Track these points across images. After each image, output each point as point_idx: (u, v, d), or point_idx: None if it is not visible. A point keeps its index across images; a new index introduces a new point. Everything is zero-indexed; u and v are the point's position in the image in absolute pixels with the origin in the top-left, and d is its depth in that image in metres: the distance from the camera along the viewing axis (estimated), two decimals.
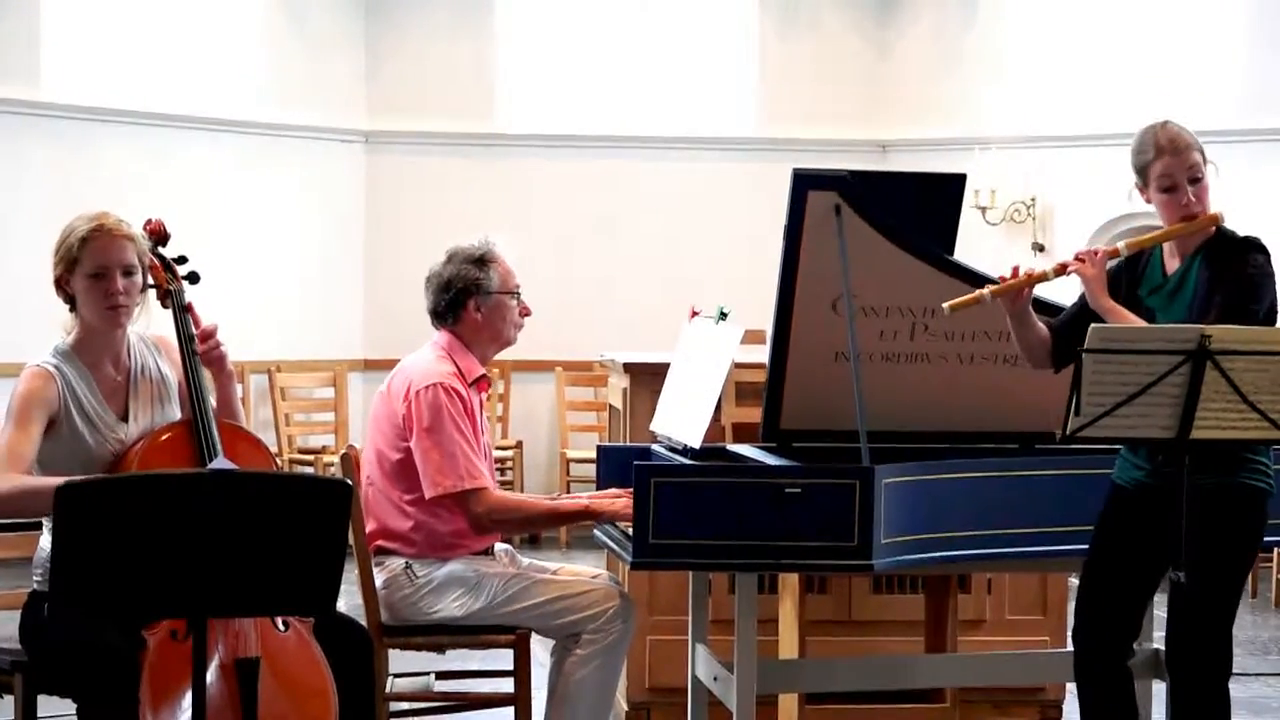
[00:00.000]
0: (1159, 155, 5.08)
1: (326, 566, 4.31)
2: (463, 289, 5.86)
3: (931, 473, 5.41)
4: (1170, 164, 5.07)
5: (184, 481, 4.33)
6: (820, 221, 5.55)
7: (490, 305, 5.88)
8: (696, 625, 6.13)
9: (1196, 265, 5.10)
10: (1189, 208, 5.08)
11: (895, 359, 5.84)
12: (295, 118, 13.06)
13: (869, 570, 5.26)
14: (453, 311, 5.88)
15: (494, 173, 13.57)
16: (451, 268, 5.88)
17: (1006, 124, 13.19)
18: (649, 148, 13.70)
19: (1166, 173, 5.07)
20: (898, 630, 6.90)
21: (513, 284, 5.92)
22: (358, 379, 13.12)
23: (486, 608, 5.73)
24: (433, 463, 5.66)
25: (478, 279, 5.86)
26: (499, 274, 5.88)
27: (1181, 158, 5.07)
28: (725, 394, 6.40)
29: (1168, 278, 5.16)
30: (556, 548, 12.00)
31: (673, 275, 13.18)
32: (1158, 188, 5.10)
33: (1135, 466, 5.17)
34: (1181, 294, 5.09)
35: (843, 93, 13.81)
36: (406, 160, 13.58)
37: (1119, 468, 5.25)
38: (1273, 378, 4.70)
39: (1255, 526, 5.05)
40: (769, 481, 5.20)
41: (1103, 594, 5.21)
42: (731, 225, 13.38)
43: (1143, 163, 5.12)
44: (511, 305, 5.91)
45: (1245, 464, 5.00)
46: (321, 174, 13.31)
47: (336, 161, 13.41)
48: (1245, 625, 9.73)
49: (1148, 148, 5.11)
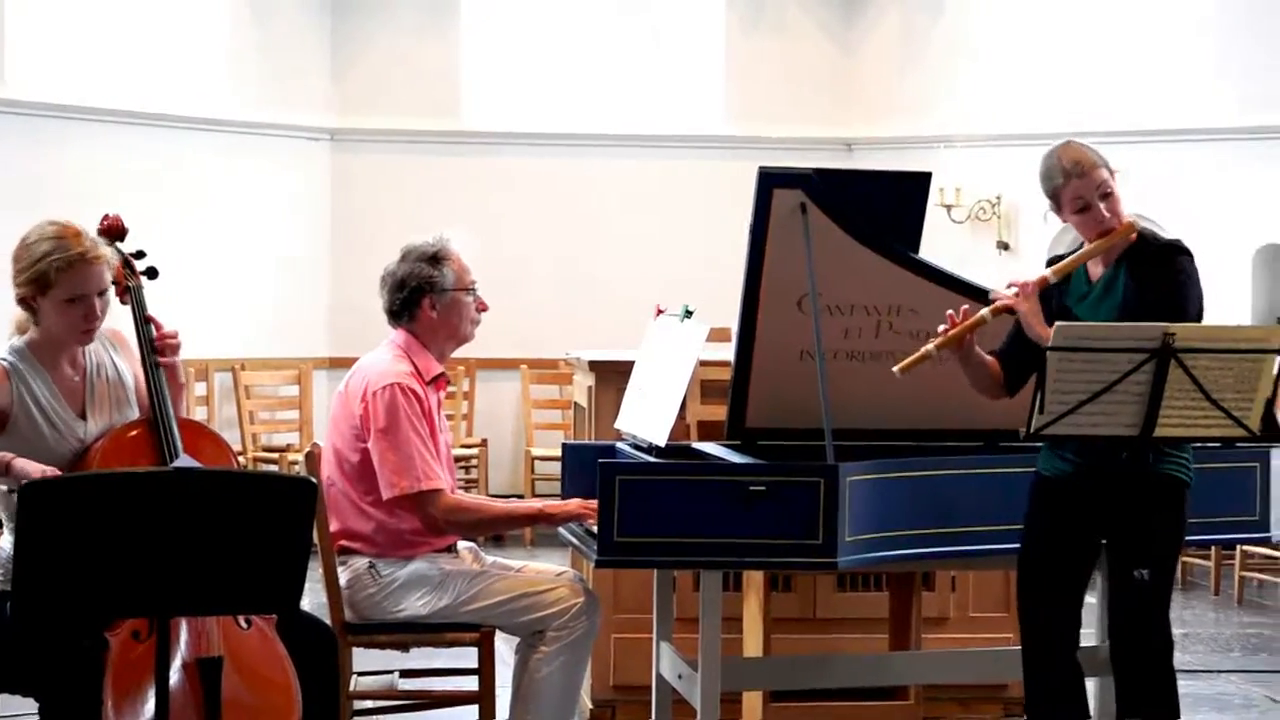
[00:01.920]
0: (1067, 180, 5.17)
1: (291, 565, 4.29)
2: (416, 287, 5.83)
3: (896, 471, 5.41)
4: (1079, 186, 5.16)
5: (147, 480, 4.30)
6: (785, 220, 5.54)
7: (445, 303, 5.85)
8: (661, 623, 6.12)
9: (1122, 271, 5.18)
10: (1104, 223, 5.17)
11: (860, 357, 5.84)
12: (261, 115, 13.03)
13: (833, 568, 5.25)
14: (408, 310, 5.86)
15: (460, 171, 13.55)
16: (405, 266, 5.86)
17: (971, 122, 13.22)
18: (615, 146, 13.70)
19: (1078, 195, 5.17)
20: (862, 628, 6.90)
21: (468, 280, 5.89)
22: (322, 377, 13.09)
23: (451, 606, 5.71)
24: (389, 464, 5.64)
25: (431, 276, 5.83)
26: (453, 271, 5.86)
27: (1089, 179, 5.16)
28: (690, 392, 6.39)
29: (1093, 285, 5.25)
30: (521, 545, 11.98)
31: (638, 273, 13.18)
32: (1072, 210, 5.20)
33: (1060, 458, 5.20)
34: (1109, 299, 5.17)
35: (808, 91, 13.83)
36: (373, 158, 13.56)
37: (1043, 458, 5.28)
38: (1236, 375, 4.72)
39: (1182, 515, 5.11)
40: (734, 480, 5.19)
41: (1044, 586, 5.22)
42: (697, 223, 13.38)
43: (1052, 188, 5.21)
44: (467, 302, 5.89)
45: (1168, 456, 5.05)
46: (288, 172, 13.27)
47: (303, 159, 13.38)
48: (1208, 623, 9.76)
49: (1055, 174, 5.20)
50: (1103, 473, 5.04)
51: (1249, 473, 5.89)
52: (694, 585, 6.42)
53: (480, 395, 13.40)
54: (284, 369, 12.90)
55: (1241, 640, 9.33)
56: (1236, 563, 10.45)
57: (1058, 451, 5.18)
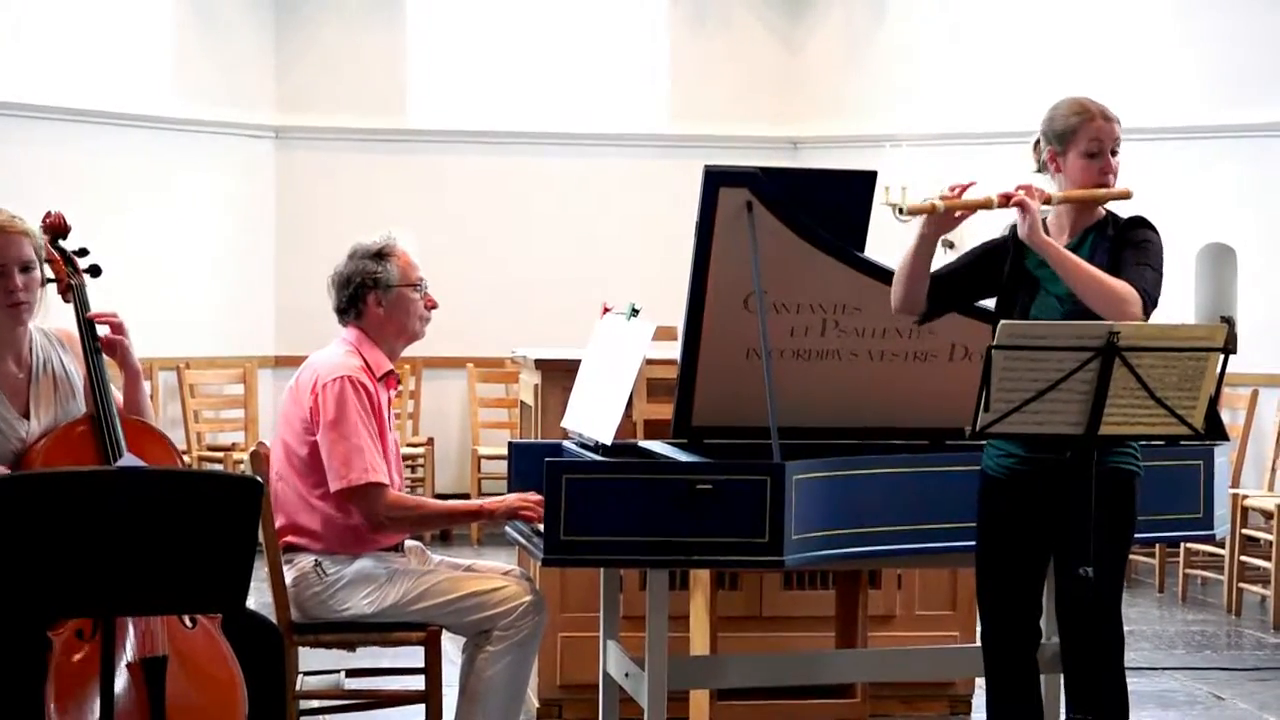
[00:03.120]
0: (1091, 119, 5.12)
1: (236, 564, 4.28)
2: (361, 284, 5.84)
3: (842, 469, 5.42)
4: (1102, 129, 5.11)
5: (90, 479, 4.29)
6: (732, 218, 5.55)
7: (391, 299, 5.85)
8: (608, 622, 6.13)
9: (1090, 242, 5.11)
10: (1107, 176, 5.12)
11: (806, 356, 5.86)
12: (204, 113, 12.97)
13: (780, 566, 5.26)
14: (354, 307, 5.87)
15: (405, 169, 13.52)
16: (351, 264, 5.87)
17: (917, 121, 13.24)
18: (561, 144, 13.68)
19: (1096, 136, 5.11)
20: (808, 626, 6.92)
21: (414, 276, 5.89)
22: (268, 376, 13.05)
23: (397, 604, 5.71)
24: (337, 455, 5.64)
25: (376, 273, 5.84)
26: (398, 267, 5.86)
27: (1111, 126, 5.13)
28: (637, 390, 6.40)
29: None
30: (468, 544, 11.97)
31: (585, 272, 13.18)
32: (1084, 151, 5.11)
33: (1005, 454, 5.18)
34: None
35: (754, 90, 13.85)
36: (317, 156, 13.51)
37: (987, 455, 5.25)
38: (1179, 373, 4.73)
39: (1131, 509, 5.09)
40: (680, 478, 5.20)
41: (999, 584, 5.22)
42: (643, 222, 13.38)
43: (1070, 125, 5.13)
44: (414, 298, 5.89)
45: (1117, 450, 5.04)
46: (231, 169, 13.21)
47: (246, 157, 13.32)
48: (1153, 620, 9.82)
49: (1077, 110, 5.15)
50: (1048, 468, 5.03)
51: (1193, 471, 5.91)
52: (641, 584, 6.43)
53: (426, 394, 13.38)
54: (229, 368, 12.86)
55: (1185, 638, 9.38)
56: (1180, 560, 10.51)
57: (1001, 448, 5.17)
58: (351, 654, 6.07)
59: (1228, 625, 9.84)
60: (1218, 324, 4.84)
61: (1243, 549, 10.08)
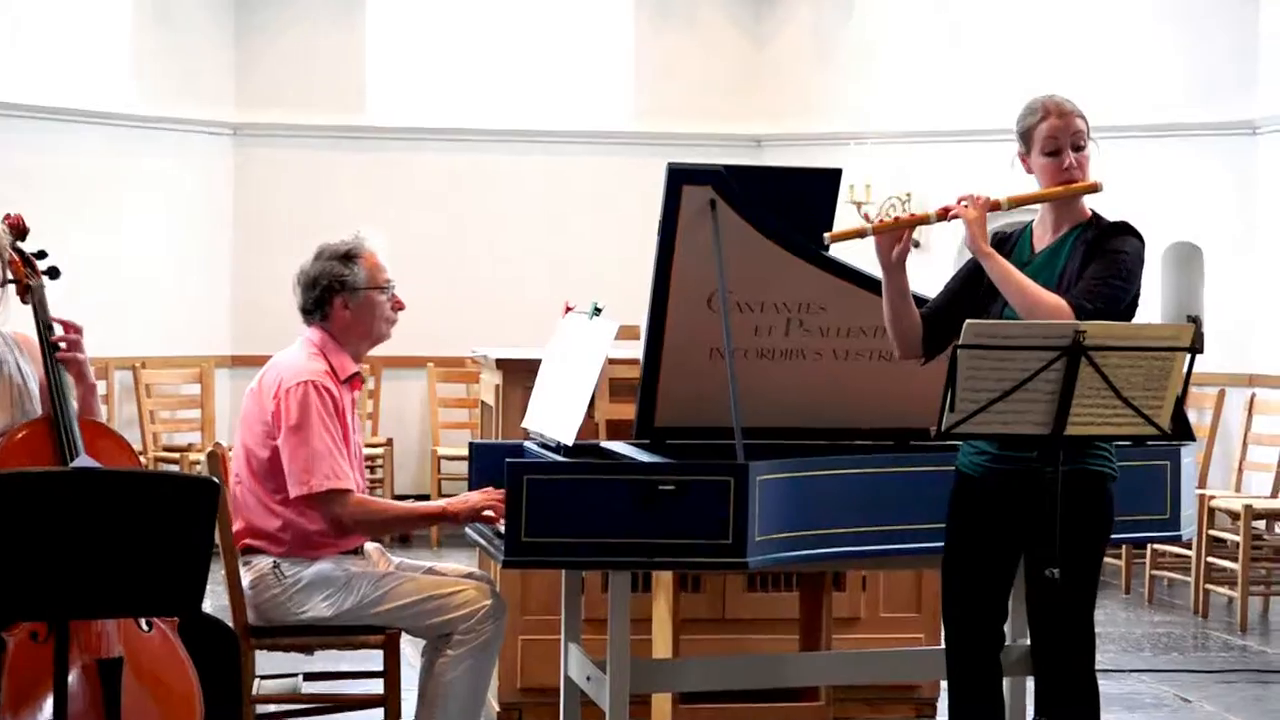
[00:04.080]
0: (1045, 117, 5.14)
1: (192, 566, 4.27)
2: (328, 286, 5.83)
3: (806, 469, 5.42)
4: (1055, 126, 5.13)
5: (45, 480, 4.27)
6: (695, 216, 5.55)
7: (359, 302, 5.85)
8: (569, 624, 6.12)
9: (1070, 243, 5.13)
10: (1069, 172, 5.13)
11: (770, 355, 5.86)
12: (162, 109, 12.94)
13: (744, 568, 5.26)
14: (320, 309, 5.86)
15: (365, 166, 13.51)
16: (318, 265, 5.86)
17: (882, 119, 13.28)
18: (523, 141, 13.68)
19: (1051, 135, 5.13)
20: (772, 629, 6.92)
21: (382, 279, 5.88)
22: (225, 376, 13.02)
23: (356, 607, 5.70)
24: (299, 461, 5.63)
25: (343, 275, 5.83)
26: (366, 269, 5.85)
27: (1066, 121, 5.14)
28: (599, 390, 6.39)
29: (1036, 254, 5.19)
30: (428, 546, 11.96)
31: (546, 271, 13.19)
32: (1041, 150, 5.15)
33: (978, 452, 5.19)
34: (1049, 270, 5.10)
35: (718, 87, 13.86)
36: (276, 153, 13.48)
37: (962, 453, 5.26)
38: (1145, 373, 4.74)
39: (1105, 511, 5.09)
40: (643, 479, 5.19)
41: (965, 585, 5.23)
42: (606, 220, 13.39)
43: (1028, 125, 5.17)
44: (381, 301, 5.88)
45: (1091, 451, 5.04)
46: (189, 167, 13.18)
47: (204, 154, 13.29)
48: (1119, 622, 9.84)
49: (1035, 110, 5.18)
50: (1021, 468, 5.03)
51: (1159, 471, 5.93)
52: (603, 586, 6.42)
53: (386, 394, 13.36)
54: (185, 368, 12.82)
55: (1152, 639, 9.41)
56: (1147, 562, 10.54)
57: (975, 446, 5.18)
58: (310, 657, 6.06)
59: (1194, 627, 9.87)
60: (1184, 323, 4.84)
61: (1209, 550, 10.11)
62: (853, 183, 12.70)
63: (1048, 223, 5.22)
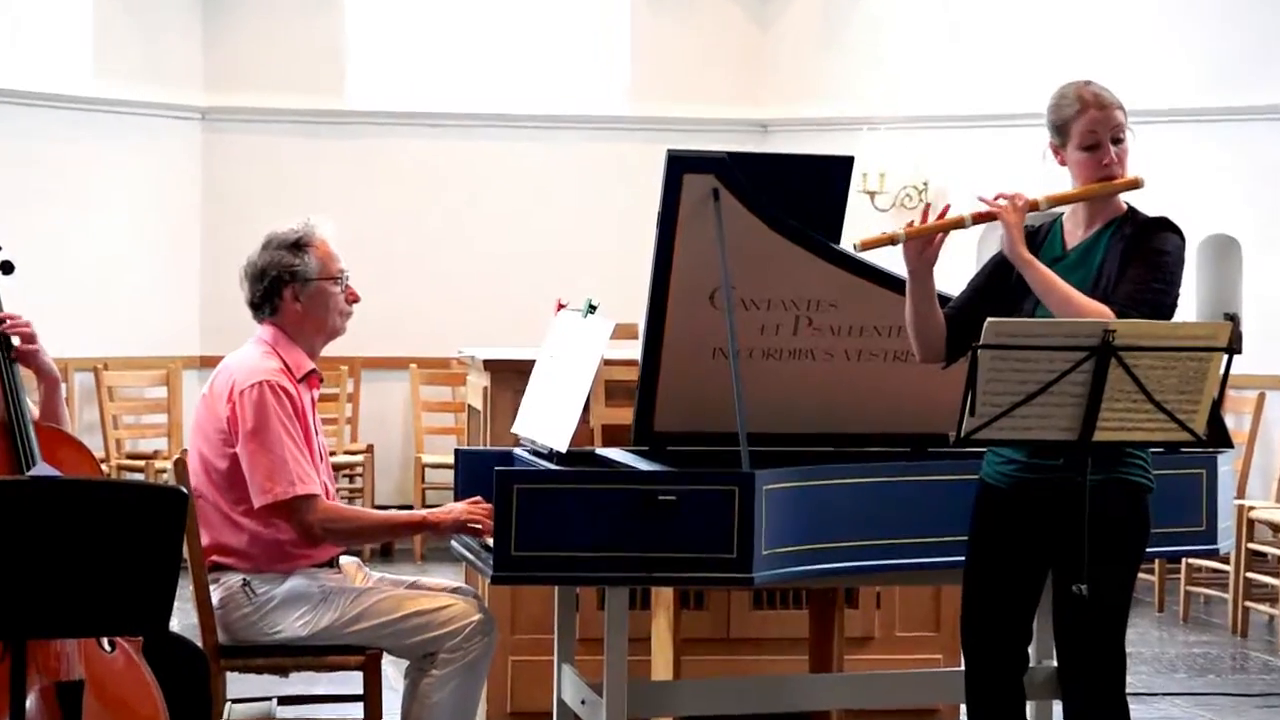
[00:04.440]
0: (1084, 110, 5.11)
1: (158, 582, 4.27)
2: (277, 277, 5.83)
3: (816, 478, 5.43)
4: (1095, 119, 5.10)
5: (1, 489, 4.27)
6: (696, 207, 5.55)
7: (310, 293, 5.84)
8: (562, 644, 6.12)
9: (1106, 240, 5.12)
10: (1109, 167, 5.11)
11: (778, 355, 5.86)
12: (125, 92, 12.93)
13: (749, 584, 5.26)
14: (269, 302, 5.86)
15: (344, 153, 13.49)
16: (266, 255, 5.86)
17: (896, 103, 13.27)
18: (512, 127, 13.67)
19: (1090, 129, 5.10)
20: (780, 648, 6.93)
21: (334, 269, 5.87)
22: (193, 377, 12.99)
23: (333, 626, 5.70)
24: (260, 468, 5.62)
25: (293, 265, 5.82)
26: (317, 258, 5.85)
27: (1107, 113, 5.11)
28: (594, 394, 6.40)
29: (1068, 251, 5.17)
30: (410, 560, 11.96)
31: (538, 265, 13.18)
32: (1079, 145, 5.12)
33: (1005, 460, 5.17)
34: (1084, 268, 5.09)
35: (720, 68, 13.85)
36: (247, 139, 13.48)
37: (987, 463, 5.25)
38: (1180, 375, 4.74)
39: (1141, 525, 5.08)
40: (641, 488, 5.20)
41: (987, 602, 5.21)
42: (601, 211, 13.39)
43: (1064, 118, 5.14)
44: (334, 292, 5.87)
45: (1126, 459, 5.04)
46: (154, 154, 13.17)
47: (170, 140, 13.28)
48: (1152, 643, 9.84)
49: (1071, 102, 5.14)
50: (1052, 479, 5.01)
51: (1194, 480, 5.93)
52: (598, 603, 6.43)
53: (365, 397, 13.36)
54: (151, 369, 12.81)
55: (1187, 661, 9.41)
56: (1182, 577, 10.53)
57: (1002, 454, 5.17)
58: (284, 680, 6.05)
59: (1233, 647, 9.86)
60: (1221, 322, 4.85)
61: (1248, 565, 10.11)
62: (866, 171, 12.72)
63: (1080, 217, 5.20)
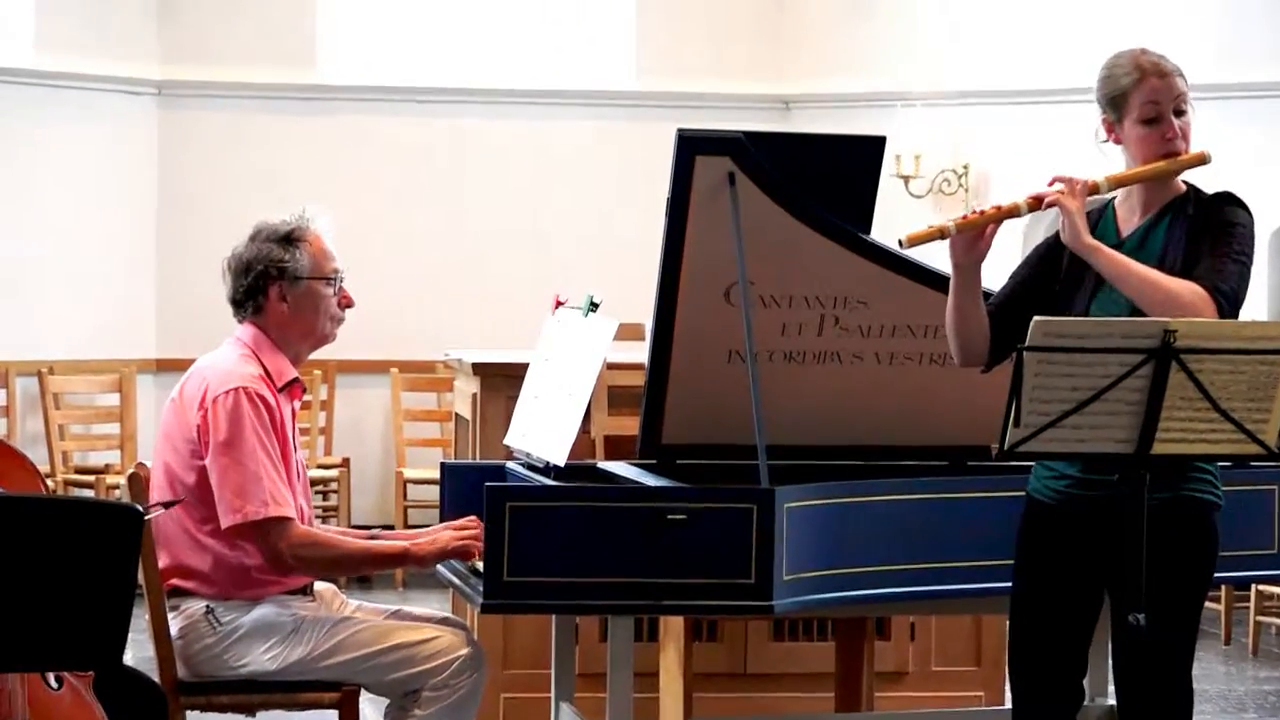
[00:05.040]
0: (1144, 78, 5.08)
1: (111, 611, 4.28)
2: (263, 272, 5.82)
3: (844, 495, 5.44)
4: (1157, 88, 5.08)
5: None
6: (710, 193, 5.56)
7: (298, 293, 5.84)
8: (561, 680, 6.14)
9: (1166, 223, 5.11)
10: (1173, 142, 5.09)
11: (800, 358, 5.87)
12: (71, 64, 12.94)
13: (768, 612, 5.27)
14: (253, 300, 5.85)
15: (316, 133, 13.51)
16: (253, 247, 5.85)
17: (933, 78, 13.28)
18: (504, 104, 13.68)
19: (1152, 99, 5.08)
20: (803, 684, 6.94)
21: (328, 268, 5.88)
22: (149, 383, 13.03)
23: (306, 659, 5.71)
24: (230, 484, 5.62)
25: (282, 261, 5.82)
26: (309, 255, 5.85)
27: (1168, 81, 5.09)
28: (595, 401, 6.41)
29: (1124, 238, 5.14)
30: (391, 587, 11.97)
31: (533, 258, 13.20)
32: (1139, 117, 5.09)
33: (1056, 475, 5.17)
34: (1143, 254, 5.06)
35: (737, 38, 13.86)
36: (208, 117, 13.49)
37: (1035, 477, 5.24)
38: (1248, 380, 4.73)
39: (1208, 547, 5.08)
40: (648, 506, 5.21)
41: (1037, 632, 5.20)
42: (604, 198, 13.40)
43: (1120, 89, 5.11)
44: (326, 294, 5.88)
45: (1191, 475, 5.04)
46: (105, 133, 13.19)
47: (123, 118, 13.30)
48: (1218, 678, 9.85)
49: (1127, 70, 5.12)
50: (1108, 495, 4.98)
51: (1265, 497, 5.94)
52: (600, 634, 6.44)
53: (341, 405, 13.38)
54: (102, 373, 12.83)
55: (1257, 698, 9.43)
56: (1251, 605, 10.53)
57: (1052, 468, 5.16)
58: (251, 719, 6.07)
59: None
60: None
61: None
62: (899, 152, 12.73)
63: (1135, 201, 5.18)
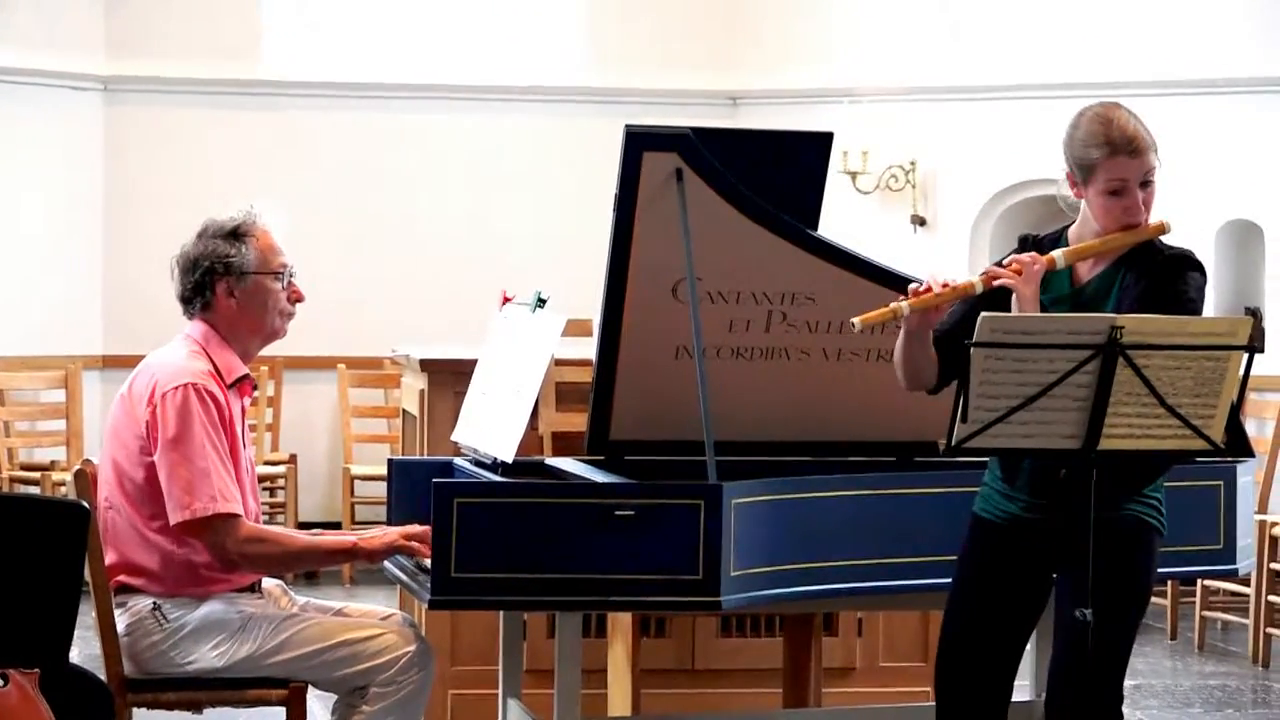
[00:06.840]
0: (1114, 154, 5.04)
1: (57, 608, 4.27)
2: (210, 268, 5.81)
3: (791, 491, 5.44)
4: (1127, 166, 5.05)
5: None
6: (658, 189, 5.57)
7: (246, 288, 5.83)
8: (508, 676, 6.14)
9: (1121, 275, 5.12)
10: (1135, 215, 5.09)
11: (748, 354, 5.88)
12: (15, 59, 12.89)
13: (716, 608, 5.28)
14: (200, 296, 5.84)
15: (262, 128, 13.48)
16: (200, 244, 5.84)
17: (880, 74, 13.28)
18: (452, 99, 13.67)
19: (1121, 175, 5.06)
20: (750, 680, 6.95)
21: (276, 263, 5.87)
22: (94, 379, 12.99)
23: (253, 656, 5.70)
24: (179, 481, 5.61)
25: (228, 256, 5.81)
26: (256, 250, 5.84)
27: (1141, 160, 5.06)
28: (543, 397, 6.41)
29: (1079, 285, 5.15)
30: (338, 583, 11.95)
31: (480, 254, 13.18)
32: (1104, 189, 5.06)
33: (1006, 497, 5.18)
34: (1099, 304, 5.08)
35: (686, 34, 13.85)
36: (154, 112, 13.46)
37: (984, 498, 5.24)
38: (1194, 376, 4.75)
39: (1148, 563, 5.10)
40: (596, 502, 5.21)
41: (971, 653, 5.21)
42: (552, 193, 13.39)
43: (1089, 159, 5.07)
44: (275, 289, 5.87)
45: (1138, 498, 5.08)
46: (49, 128, 13.14)
47: (68, 113, 13.25)
48: (1164, 673, 9.87)
49: (1098, 142, 5.07)
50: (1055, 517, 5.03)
51: (1210, 493, 5.96)
52: (548, 631, 6.45)
53: (288, 401, 13.35)
54: (46, 369, 12.76)
55: (1203, 694, 9.44)
56: (1197, 601, 10.54)
57: (1004, 490, 5.17)
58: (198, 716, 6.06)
59: (1253, 678, 9.89)
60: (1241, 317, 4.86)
61: (1271, 587, 10.13)
62: (846, 149, 12.72)
63: None
